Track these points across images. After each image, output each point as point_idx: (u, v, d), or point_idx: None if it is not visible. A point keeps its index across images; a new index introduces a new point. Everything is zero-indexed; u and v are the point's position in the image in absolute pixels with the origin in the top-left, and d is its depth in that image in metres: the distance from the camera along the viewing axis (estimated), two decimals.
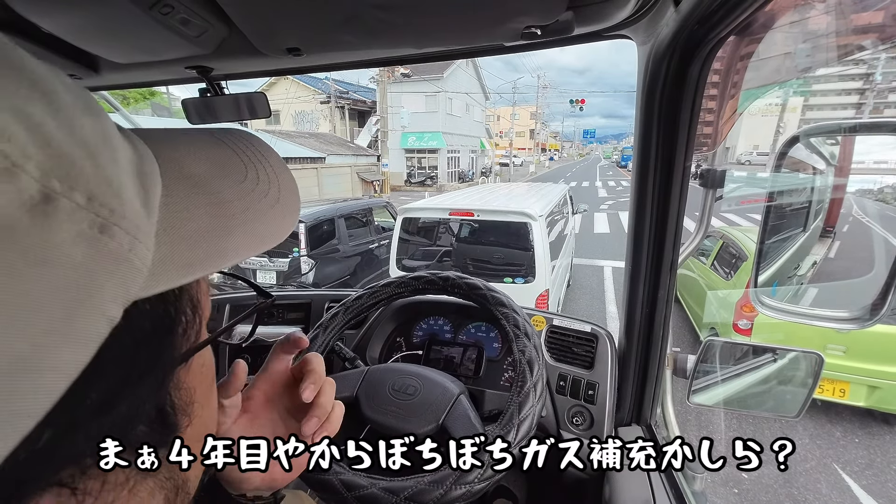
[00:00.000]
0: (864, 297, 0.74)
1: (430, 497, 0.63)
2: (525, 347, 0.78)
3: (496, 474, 0.65)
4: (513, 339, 0.81)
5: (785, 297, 1.97)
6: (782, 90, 12.61)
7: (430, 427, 0.77)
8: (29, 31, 0.62)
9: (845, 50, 0.78)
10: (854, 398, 2.91)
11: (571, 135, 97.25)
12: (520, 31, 0.62)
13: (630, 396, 0.94)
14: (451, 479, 0.64)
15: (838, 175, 1.94)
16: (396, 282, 0.98)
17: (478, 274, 3.39)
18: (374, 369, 0.90)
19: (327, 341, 0.94)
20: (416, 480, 0.65)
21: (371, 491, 0.65)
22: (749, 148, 10.15)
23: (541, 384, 0.75)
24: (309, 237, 4.64)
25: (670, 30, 0.61)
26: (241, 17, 0.58)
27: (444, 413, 0.78)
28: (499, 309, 0.87)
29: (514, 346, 0.80)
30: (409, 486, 0.65)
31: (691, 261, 4.64)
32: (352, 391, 0.85)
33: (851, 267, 2.72)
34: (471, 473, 0.65)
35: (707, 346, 0.85)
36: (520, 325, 0.82)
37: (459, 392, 0.82)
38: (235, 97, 0.91)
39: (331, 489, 0.68)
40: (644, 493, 0.75)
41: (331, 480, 0.69)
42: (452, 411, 0.78)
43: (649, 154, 0.73)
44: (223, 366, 1.30)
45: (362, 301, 0.98)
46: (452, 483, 0.64)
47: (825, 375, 2.84)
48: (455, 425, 0.77)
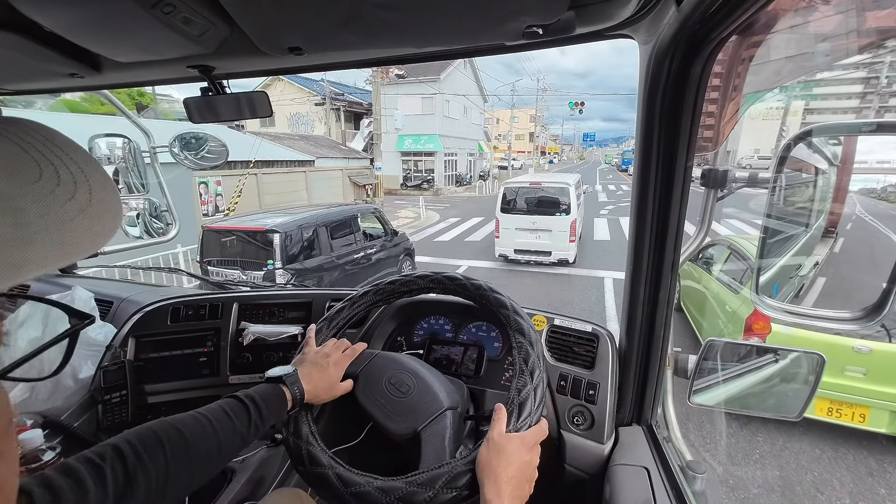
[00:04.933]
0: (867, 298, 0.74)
1: (420, 498, 0.63)
2: (528, 355, 0.78)
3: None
4: (515, 345, 0.81)
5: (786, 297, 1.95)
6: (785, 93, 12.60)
7: (407, 433, 0.76)
8: (31, 30, 0.63)
9: (850, 52, 0.78)
10: (875, 424, 2.71)
11: (571, 138, 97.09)
12: (521, 31, 0.62)
13: (631, 396, 0.94)
14: (442, 481, 0.64)
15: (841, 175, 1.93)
16: (402, 280, 0.98)
17: (540, 210, 7.11)
18: (381, 356, 0.90)
19: (330, 336, 0.94)
20: (407, 481, 0.65)
21: (366, 489, 0.66)
22: (750, 151, 10.09)
23: (541, 390, 0.75)
24: (284, 248, 4.43)
25: (672, 29, 0.61)
26: (243, 16, 0.58)
27: (423, 424, 0.77)
28: (501, 311, 0.87)
29: (516, 353, 0.79)
30: (401, 487, 0.65)
31: (696, 270, 4.44)
32: (356, 368, 0.87)
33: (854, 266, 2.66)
34: (462, 478, 0.65)
35: (708, 346, 0.85)
36: (524, 331, 0.81)
37: (448, 407, 0.80)
38: (236, 96, 0.91)
39: (327, 483, 0.69)
40: (644, 493, 0.75)
41: (327, 474, 0.69)
42: (432, 425, 0.77)
43: (651, 154, 0.73)
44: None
45: (368, 297, 0.98)
46: (443, 486, 0.64)
47: (843, 399, 2.74)
48: (427, 441, 0.75)
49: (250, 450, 1.16)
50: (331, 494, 0.68)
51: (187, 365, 1.28)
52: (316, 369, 0.82)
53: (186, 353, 1.28)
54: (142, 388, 1.23)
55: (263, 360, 1.29)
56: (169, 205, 1.68)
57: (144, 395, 1.24)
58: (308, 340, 0.90)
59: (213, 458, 0.63)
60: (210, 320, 1.31)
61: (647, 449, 0.87)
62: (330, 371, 0.83)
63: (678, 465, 0.83)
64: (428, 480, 0.65)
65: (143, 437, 0.56)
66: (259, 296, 1.38)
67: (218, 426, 0.64)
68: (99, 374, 1.16)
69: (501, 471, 0.61)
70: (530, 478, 0.65)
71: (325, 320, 0.95)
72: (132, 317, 1.29)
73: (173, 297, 1.35)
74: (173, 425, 0.60)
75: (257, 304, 1.34)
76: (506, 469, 0.62)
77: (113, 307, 1.36)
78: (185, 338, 1.29)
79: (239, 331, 1.30)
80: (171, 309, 1.31)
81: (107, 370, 1.17)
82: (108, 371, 1.16)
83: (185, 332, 1.29)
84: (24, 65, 0.80)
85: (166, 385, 1.26)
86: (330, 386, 0.82)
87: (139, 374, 1.23)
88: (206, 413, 0.66)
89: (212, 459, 0.62)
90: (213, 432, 0.63)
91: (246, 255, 4.64)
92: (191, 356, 1.28)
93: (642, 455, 0.85)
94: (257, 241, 4.57)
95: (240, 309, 1.33)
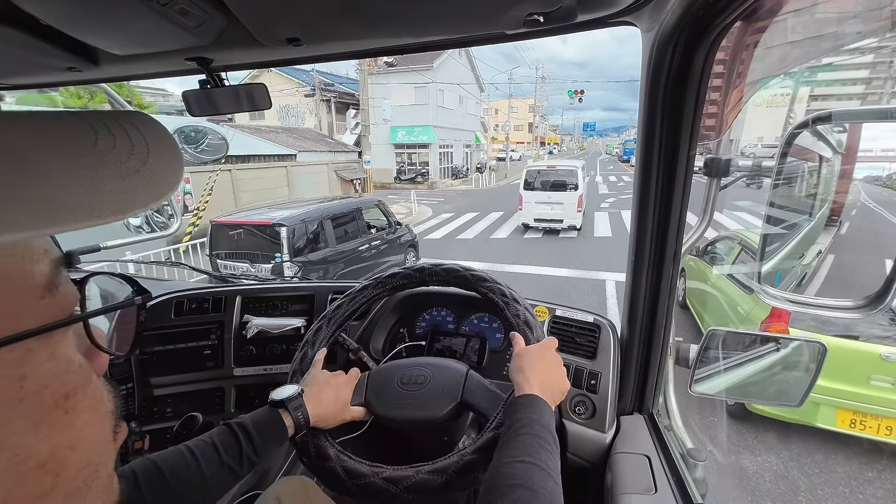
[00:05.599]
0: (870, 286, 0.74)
1: (431, 486, 0.64)
2: (517, 311, 0.82)
3: None
4: (503, 307, 0.84)
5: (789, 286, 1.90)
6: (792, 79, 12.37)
7: (452, 406, 0.78)
8: (27, 23, 0.62)
9: (858, 36, 0.77)
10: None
11: (571, 128, 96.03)
12: (522, 19, 0.61)
13: (632, 386, 0.94)
14: (453, 468, 0.65)
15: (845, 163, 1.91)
16: (400, 273, 0.98)
17: (554, 187, 9.31)
18: (376, 370, 0.90)
19: (331, 332, 0.94)
20: (416, 469, 0.66)
21: (372, 480, 0.66)
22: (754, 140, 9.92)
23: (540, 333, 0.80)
24: (291, 241, 4.55)
25: (675, 16, 0.60)
26: (240, 6, 0.58)
27: (461, 389, 0.80)
28: (501, 299, 0.87)
29: (507, 312, 0.83)
30: (410, 476, 0.65)
31: (703, 266, 4.18)
32: (360, 397, 0.84)
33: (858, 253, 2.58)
34: (473, 464, 0.65)
35: (710, 335, 0.85)
36: (525, 318, 0.82)
37: (468, 368, 0.84)
38: (235, 88, 0.91)
39: (334, 476, 0.70)
40: (645, 481, 0.75)
41: (334, 468, 0.70)
42: (468, 385, 0.80)
43: (653, 143, 0.73)
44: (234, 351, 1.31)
45: (367, 292, 0.98)
46: (453, 472, 0.65)
47: (868, 410, 2.55)
48: (475, 397, 0.79)
49: None
50: (340, 487, 0.69)
51: (192, 358, 1.29)
52: (326, 389, 0.79)
53: (191, 346, 1.29)
54: (147, 380, 1.25)
55: (267, 352, 1.30)
56: (170, 199, 1.68)
57: (150, 387, 1.25)
58: (315, 363, 0.86)
59: (199, 491, 0.62)
60: (214, 313, 1.32)
61: (649, 437, 0.88)
62: (342, 391, 0.81)
63: (679, 453, 0.83)
64: (440, 468, 0.66)
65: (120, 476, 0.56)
66: (262, 289, 1.38)
67: (202, 459, 0.63)
68: None
69: (528, 368, 0.71)
70: (557, 371, 0.75)
71: (324, 317, 0.95)
72: None
73: (176, 291, 1.36)
74: (153, 461, 0.61)
75: (260, 298, 1.35)
76: (532, 366, 0.71)
77: None
78: (189, 331, 1.30)
79: (242, 324, 1.31)
80: (175, 302, 1.32)
81: (112, 363, 1.18)
82: (114, 364, 1.18)
83: (189, 326, 1.30)
84: (21, 59, 0.79)
85: (172, 378, 1.27)
86: (341, 408, 0.79)
87: (145, 367, 1.24)
88: (192, 446, 0.65)
89: (196, 492, 0.62)
90: (195, 465, 0.62)
91: (254, 249, 4.72)
92: (195, 349, 1.29)
93: (643, 443, 0.86)
94: (265, 235, 4.63)
95: (243, 302, 1.34)
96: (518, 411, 0.64)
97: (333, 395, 0.79)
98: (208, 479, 0.62)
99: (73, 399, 0.28)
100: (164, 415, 1.26)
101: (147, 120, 0.32)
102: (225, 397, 1.31)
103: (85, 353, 0.31)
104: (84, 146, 0.27)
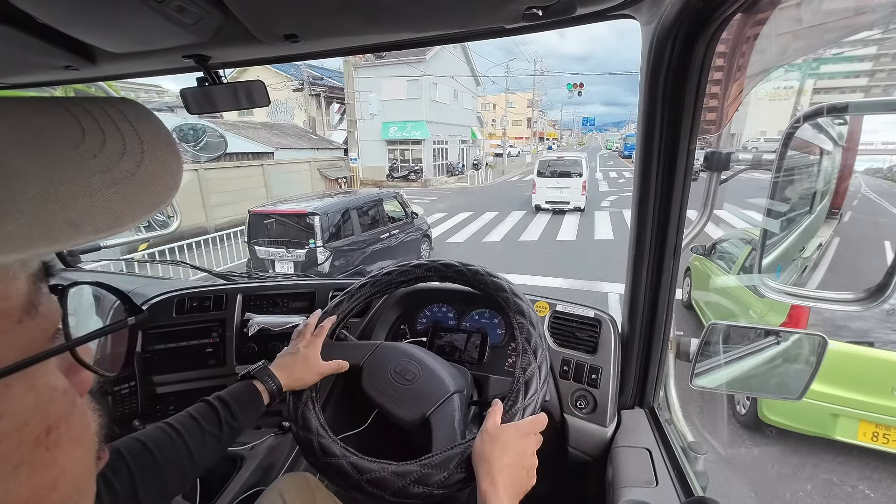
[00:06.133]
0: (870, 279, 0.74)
1: (434, 480, 0.65)
2: (530, 336, 0.78)
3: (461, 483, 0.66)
4: (516, 326, 0.81)
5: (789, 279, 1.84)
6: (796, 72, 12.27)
7: (416, 418, 0.78)
8: (24, 22, 0.62)
9: (860, 27, 0.76)
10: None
11: (571, 123, 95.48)
12: (521, 13, 0.61)
13: (633, 380, 0.94)
14: (414, 475, 0.66)
15: (846, 156, 1.90)
16: (399, 270, 0.98)
17: (559, 172, 11.50)
18: (384, 346, 0.91)
19: (332, 329, 0.95)
20: (421, 464, 0.67)
21: (381, 474, 0.67)
22: (756, 134, 9.79)
23: (545, 368, 0.75)
24: (324, 229, 5.02)
25: (675, 9, 0.59)
26: (237, 3, 0.57)
27: (432, 408, 0.78)
28: (500, 294, 0.87)
29: (518, 333, 0.80)
30: (416, 470, 0.66)
31: (709, 266, 4.02)
32: (359, 360, 0.87)
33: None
34: (433, 476, 0.66)
35: (710, 329, 0.85)
36: (524, 312, 0.82)
37: (455, 391, 0.81)
38: (233, 86, 0.90)
39: (342, 473, 0.70)
40: (647, 474, 0.76)
41: (341, 464, 0.70)
42: (440, 409, 0.78)
43: (653, 137, 0.73)
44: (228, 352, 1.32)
45: (366, 289, 0.98)
46: (412, 481, 0.65)
47: (891, 423, 2.34)
48: (437, 423, 0.76)
49: (259, 437, 1.18)
50: (347, 483, 0.70)
51: (194, 356, 1.29)
52: (287, 357, 0.83)
53: (193, 345, 1.30)
54: (150, 378, 1.25)
55: (269, 349, 1.30)
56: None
57: (153, 385, 1.26)
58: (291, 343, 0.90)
59: (186, 462, 0.63)
60: (215, 311, 1.32)
61: (650, 431, 0.88)
62: (303, 353, 0.84)
63: (680, 446, 0.84)
64: (441, 462, 0.66)
65: None
66: (262, 286, 1.39)
67: (185, 431, 0.65)
68: None
69: (495, 460, 0.61)
70: (527, 466, 0.64)
71: (324, 314, 0.96)
72: None
73: (178, 290, 1.36)
74: (136, 438, 0.61)
75: (261, 295, 1.35)
76: (500, 458, 0.61)
77: None
78: (190, 329, 1.30)
79: (244, 321, 1.31)
80: (177, 301, 1.32)
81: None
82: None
83: (190, 324, 1.31)
84: (17, 57, 0.79)
85: (174, 376, 1.28)
86: (309, 366, 0.83)
87: (147, 365, 1.25)
88: (172, 421, 0.66)
89: (184, 464, 0.63)
90: (178, 438, 0.63)
91: (289, 236, 5.20)
92: (197, 347, 1.30)
93: (644, 437, 0.86)
94: (299, 223, 5.13)
95: (244, 300, 1.34)
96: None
97: (301, 359, 0.83)
98: (193, 449, 0.64)
99: (55, 433, 0.25)
100: (167, 413, 1.27)
101: (138, 110, 0.27)
102: None
103: (67, 370, 0.28)
104: (69, 143, 0.23)
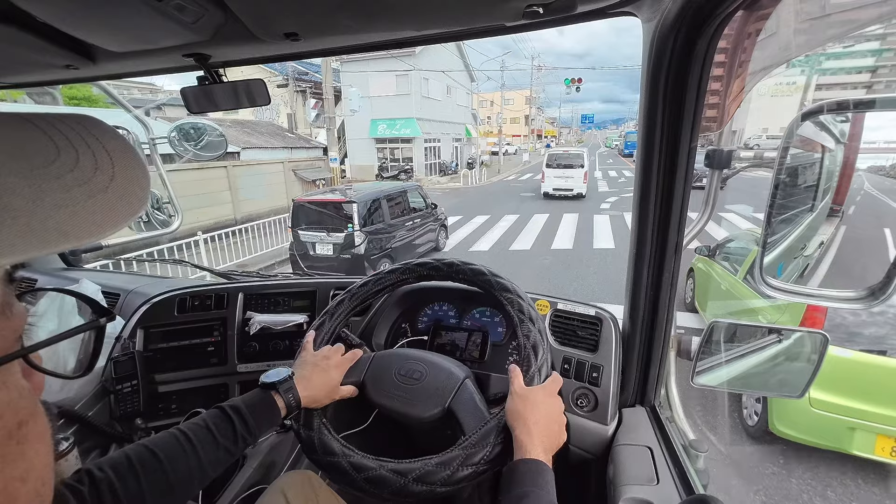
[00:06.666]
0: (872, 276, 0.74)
1: (437, 478, 0.65)
2: (530, 332, 0.79)
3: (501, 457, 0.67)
4: (517, 323, 0.81)
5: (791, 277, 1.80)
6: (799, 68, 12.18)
7: (437, 410, 0.78)
8: (24, 21, 0.62)
9: (865, 22, 0.75)
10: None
11: (569, 120, 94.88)
12: (521, 10, 0.61)
13: (634, 378, 0.94)
14: (458, 460, 0.66)
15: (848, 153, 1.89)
16: (401, 268, 0.98)
17: (564, 164, 14.34)
18: (380, 355, 0.91)
19: (334, 328, 0.95)
20: (423, 462, 0.67)
21: (379, 472, 0.67)
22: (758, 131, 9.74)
23: (545, 367, 0.76)
24: (360, 215, 5.85)
25: (676, 5, 0.59)
26: (237, 1, 0.57)
27: (450, 397, 0.79)
28: (503, 294, 0.87)
29: (519, 331, 0.80)
30: (417, 468, 0.66)
31: (713, 268, 3.95)
32: (359, 376, 0.86)
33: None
34: (477, 454, 0.66)
35: (711, 327, 0.85)
36: (524, 310, 0.82)
37: (465, 376, 0.83)
38: (234, 84, 0.90)
39: (340, 471, 0.70)
40: (648, 472, 0.76)
41: (340, 463, 0.71)
42: (458, 395, 0.79)
43: (654, 134, 0.72)
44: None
45: (367, 288, 0.99)
46: (459, 464, 0.65)
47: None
48: (461, 409, 0.78)
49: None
50: (346, 481, 0.70)
51: (195, 354, 1.30)
52: (316, 371, 0.81)
53: (194, 343, 1.30)
54: (152, 377, 1.26)
55: (270, 348, 1.30)
56: (171, 196, 1.68)
57: (155, 384, 1.26)
58: (305, 344, 0.88)
59: (195, 474, 0.62)
60: (216, 310, 1.32)
61: (651, 429, 0.88)
62: (332, 374, 0.82)
63: (681, 445, 0.84)
64: (480, 439, 0.67)
65: (115, 464, 0.56)
66: (264, 285, 1.39)
67: (198, 443, 0.64)
68: (109, 365, 1.18)
69: (529, 414, 0.67)
70: (559, 421, 0.71)
71: (326, 313, 0.96)
72: (139, 308, 1.31)
73: (179, 288, 1.36)
74: (148, 447, 0.61)
75: (262, 294, 1.35)
76: (532, 413, 0.67)
77: (120, 299, 1.37)
78: (192, 328, 1.31)
79: (245, 320, 1.31)
80: (178, 300, 1.32)
81: (117, 361, 1.18)
82: (119, 361, 1.18)
83: (192, 323, 1.31)
84: (18, 57, 0.79)
85: (176, 374, 1.28)
86: (331, 389, 0.81)
87: (149, 364, 1.25)
88: (187, 430, 0.65)
89: (193, 476, 0.62)
90: (191, 449, 0.63)
91: (329, 222, 5.98)
92: (199, 346, 1.30)
93: (645, 435, 0.86)
94: (339, 210, 5.94)
95: (245, 299, 1.34)
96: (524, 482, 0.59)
97: (324, 377, 0.81)
98: (205, 461, 0.63)
99: (24, 428, 0.27)
100: (168, 411, 1.27)
101: (101, 127, 0.29)
102: (229, 393, 1.32)
103: (23, 372, 0.29)
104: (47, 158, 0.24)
